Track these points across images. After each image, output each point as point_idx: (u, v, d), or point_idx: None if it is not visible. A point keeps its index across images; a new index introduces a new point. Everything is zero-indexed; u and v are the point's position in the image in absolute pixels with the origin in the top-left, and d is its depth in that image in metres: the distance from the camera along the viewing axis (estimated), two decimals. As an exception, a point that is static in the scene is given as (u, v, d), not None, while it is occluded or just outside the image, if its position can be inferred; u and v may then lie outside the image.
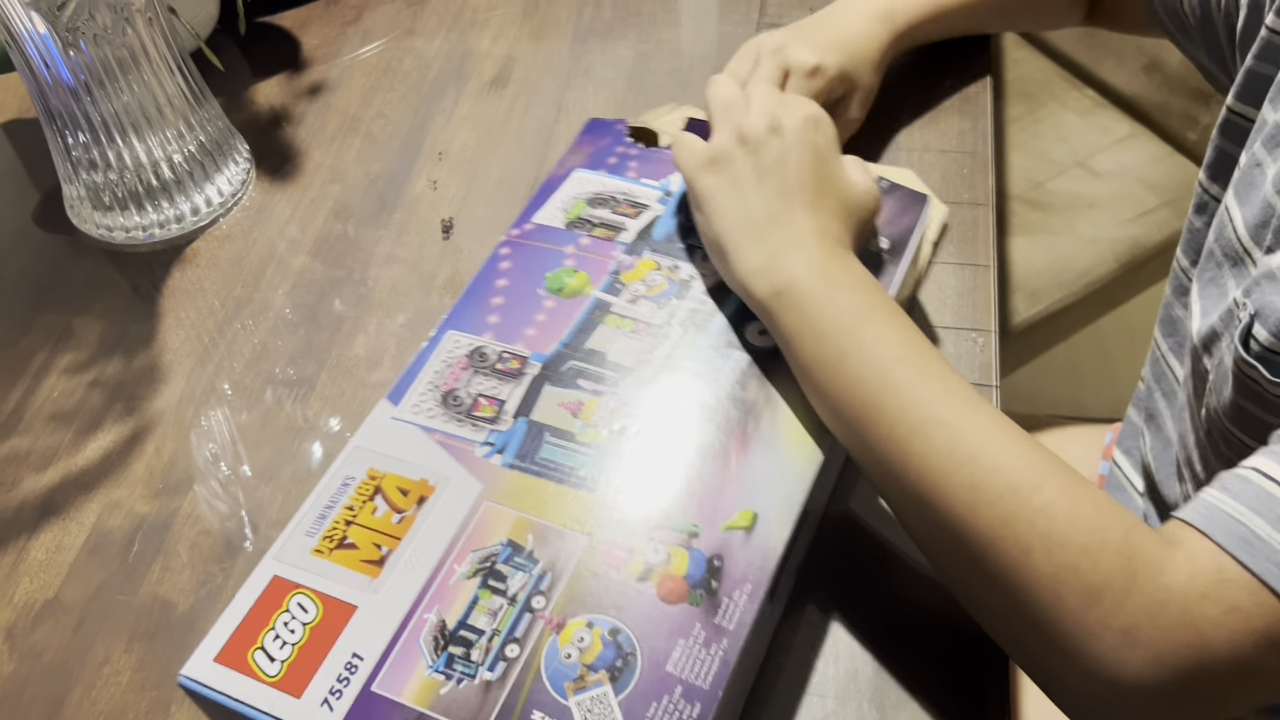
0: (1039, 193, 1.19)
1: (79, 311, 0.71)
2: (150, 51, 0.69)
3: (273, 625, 0.47)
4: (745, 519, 0.50)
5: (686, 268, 0.60)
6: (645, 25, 0.87)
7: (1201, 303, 0.60)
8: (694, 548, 0.49)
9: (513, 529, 0.50)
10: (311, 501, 0.51)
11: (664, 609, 0.47)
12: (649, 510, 0.50)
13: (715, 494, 0.51)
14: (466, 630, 0.47)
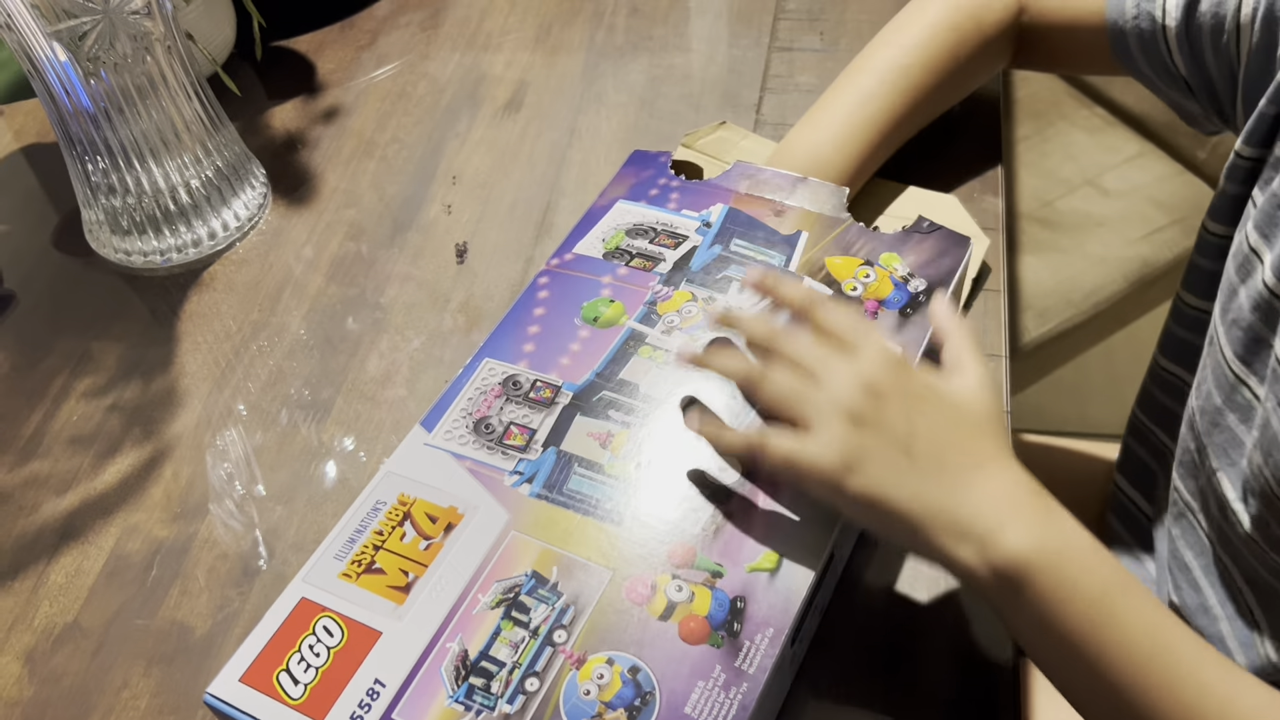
0: (1048, 211, 1.20)
1: (97, 335, 0.71)
2: (168, 78, 0.70)
3: (298, 648, 0.48)
4: (770, 561, 0.50)
5: (722, 300, 0.60)
6: (657, 50, 0.88)
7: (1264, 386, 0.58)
8: (717, 588, 0.49)
9: (538, 560, 0.50)
10: (343, 525, 0.52)
11: (685, 649, 0.47)
12: (674, 547, 0.50)
13: (741, 534, 0.51)
14: (488, 661, 0.47)
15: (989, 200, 0.74)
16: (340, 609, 0.49)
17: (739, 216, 0.64)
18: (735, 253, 0.62)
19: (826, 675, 0.53)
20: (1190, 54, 0.65)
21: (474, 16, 0.93)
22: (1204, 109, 0.68)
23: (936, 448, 0.48)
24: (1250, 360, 0.60)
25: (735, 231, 0.63)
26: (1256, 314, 0.58)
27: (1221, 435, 0.62)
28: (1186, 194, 1.21)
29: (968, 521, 0.47)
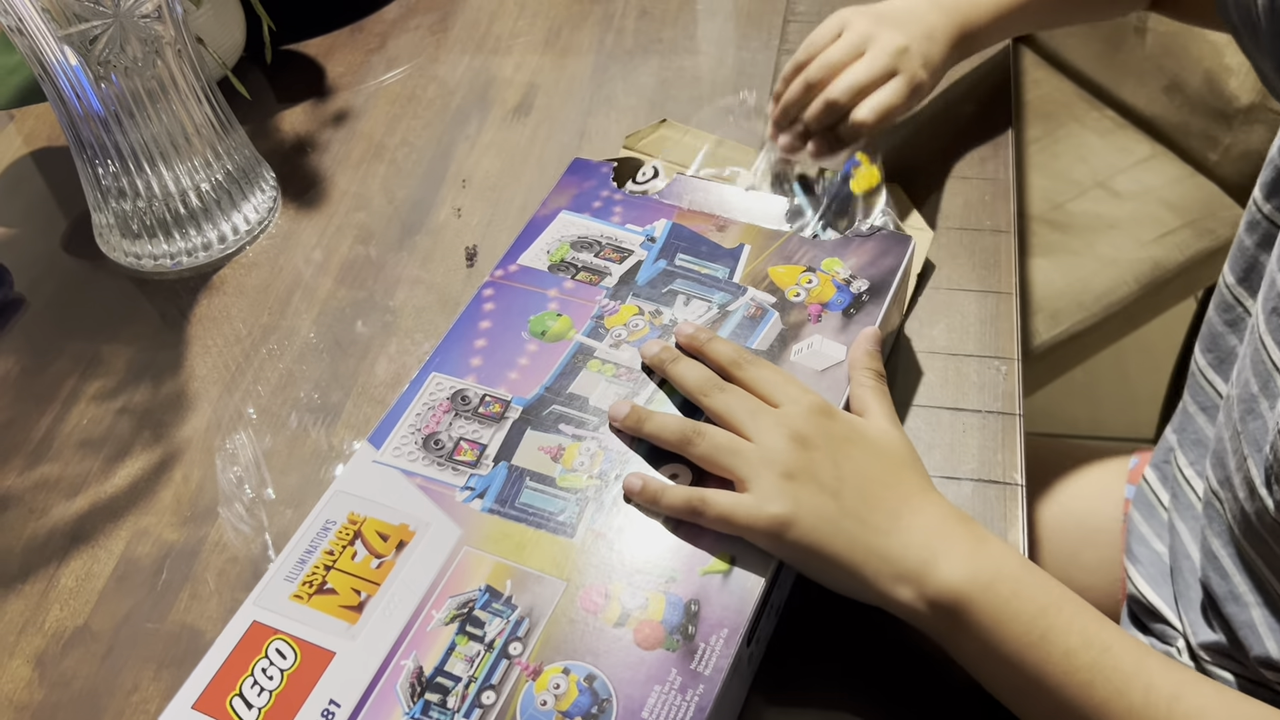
0: (1059, 213, 1.19)
1: (108, 339, 0.71)
2: (179, 82, 0.70)
3: (251, 671, 0.48)
4: (722, 563, 0.50)
5: (668, 313, 0.60)
6: (666, 52, 0.88)
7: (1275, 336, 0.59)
8: (671, 592, 0.49)
9: (491, 574, 0.50)
10: (292, 545, 0.52)
11: (640, 655, 0.47)
12: (627, 556, 0.51)
13: (693, 538, 0.51)
14: (443, 677, 0.47)
15: (1001, 206, 0.74)
16: (292, 630, 0.49)
17: (683, 231, 0.65)
18: (680, 267, 0.63)
19: (786, 676, 0.53)
20: (1273, 20, 0.65)
21: (483, 20, 0.93)
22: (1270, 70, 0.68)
23: (864, 489, 0.51)
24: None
25: (679, 246, 0.64)
26: None
27: (1256, 422, 0.62)
28: (1198, 196, 1.20)
29: (899, 560, 0.49)
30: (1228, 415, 0.66)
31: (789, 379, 0.56)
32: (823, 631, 0.54)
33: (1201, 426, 0.74)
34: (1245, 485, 0.63)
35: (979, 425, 0.62)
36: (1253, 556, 0.64)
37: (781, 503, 0.50)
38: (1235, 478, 0.63)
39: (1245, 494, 0.63)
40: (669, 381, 0.57)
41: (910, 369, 0.65)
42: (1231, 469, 0.64)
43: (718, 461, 0.52)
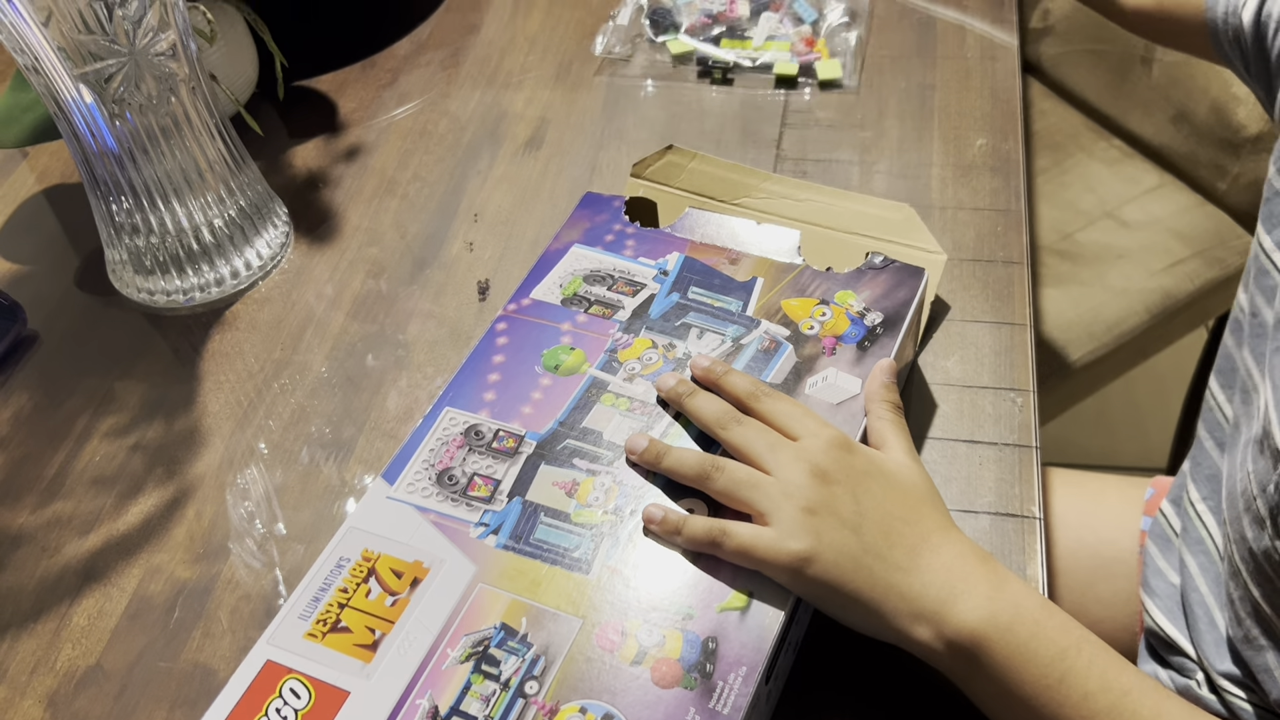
0: (1068, 244, 1.19)
1: (121, 375, 0.71)
2: (193, 119, 0.70)
3: (265, 712, 0.48)
4: (740, 600, 0.50)
5: (682, 346, 0.60)
6: (676, 85, 0.88)
7: (1272, 378, 0.59)
8: (689, 630, 0.49)
9: (506, 612, 0.50)
10: (306, 583, 0.52)
11: (658, 693, 0.47)
12: (643, 592, 0.50)
13: (710, 574, 0.51)
14: (459, 716, 0.47)
15: (1013, 238, 0.74)
16: (307, 670, 0.49)
17: (695, 265, 0.65)
18: (693, 300, 0.63)
19: (804, 711, 0.52)
20: (1259, 49, 0.67)
21: (494, 55, 0.93)
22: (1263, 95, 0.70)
23: (884, 524, 0.51)
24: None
25: (692, 279, 0.64)
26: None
27: (1262, 462, 0.61)
28: (1207, 225, 1.20)
29: (918, 599, 0.49)
30: (1233, 451, 0.66)
31: (807, 412, 0.55)
32: (841, 666, 0.54)
33: (1215, 460, 0.74)
34: (1255, 524, 0.62)
35: (995, 458, 0.62)
36: (1258, 599, 0.64)
37: (803, 538, 0.50)
38: (1244, 518, 0.63)
39: (1254, 533, 0.62)
40: (685, 415, 0.57)
41: (925, 401, 0.65)
42: (1240, 509, 0.63)
43: (737, 496, 0.52)
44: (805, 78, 0.86)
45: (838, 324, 0.61)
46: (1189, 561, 0.75)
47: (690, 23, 0.90)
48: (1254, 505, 0.60)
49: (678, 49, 0.89)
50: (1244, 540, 0.62)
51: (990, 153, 0.80)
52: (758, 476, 0.52)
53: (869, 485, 0.52)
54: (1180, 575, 0.77)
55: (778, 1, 0.91)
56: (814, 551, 0.50)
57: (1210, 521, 0.74)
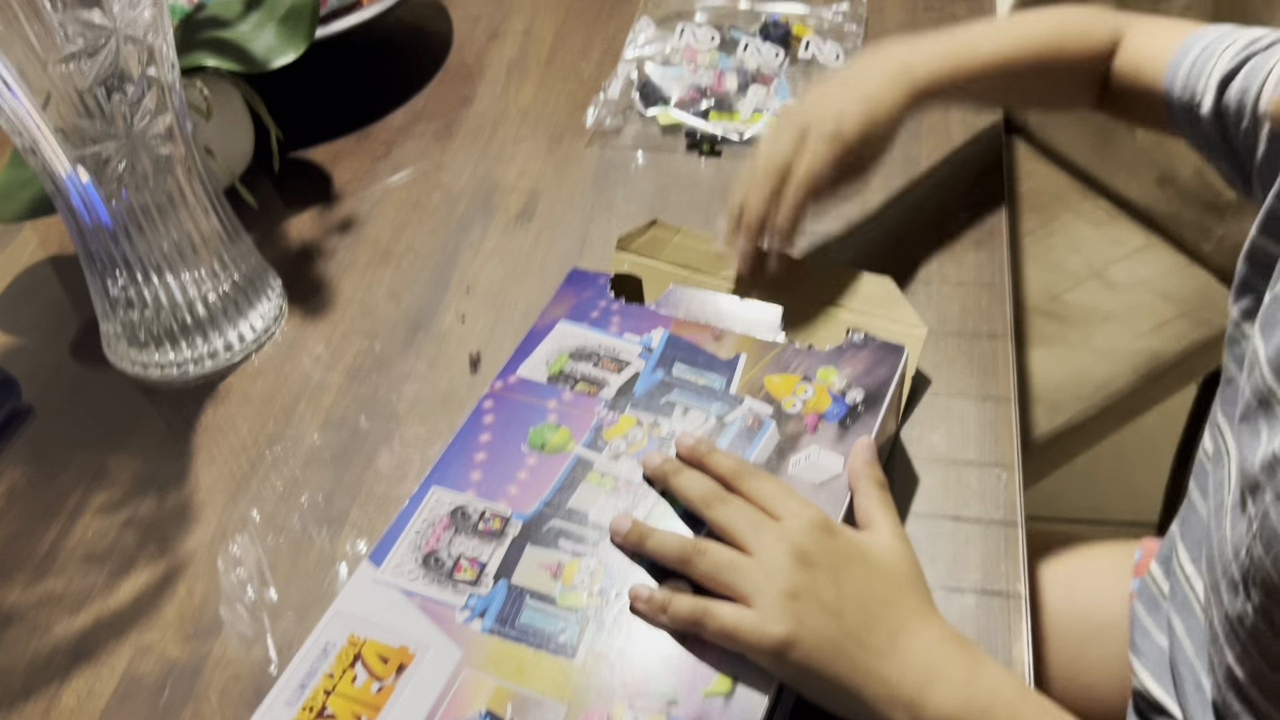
0: (1055, 304, 1.20)
1: (114, 449, 0.72)
2: (188, 195, 0.71)
3: None
4: (724, 684, 0.50)
5: (666, 424, 0.61)
6: (665, 157, 0.90)
7: (1238, 443, 0.60)
8: (673, 715, 0.49)
9: (492, 698, 0.50)
10: (292, 669, 0.52)
11: None
12: (628, 677, 0.51)
13: (694, 657, 0.51)
14: None
15: (997, 311, 0.75)
16: None
17: (679, 342, 0.65)
18: (677, 378, 0.63)
19: None
20: (1221, 134, 0.69)
21: (487, 127, 0.95)
22: (1232, 175, 0.72)
23: (864, 608, 0.52)
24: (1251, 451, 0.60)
25: (676, 356, 0.65)
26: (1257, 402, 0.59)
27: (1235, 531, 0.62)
28: (1194, 286, 1.21)
29: (896, 684, 0.50)
30: (1219, 514, 0.66)
31: (790, 491, 0.56)
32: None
33: (1204, 519, 0.75)
34: (1230, 588, 0.63)
35: (981, 535, 0.62)
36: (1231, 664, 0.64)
37: (785, 622, 0.50)
38: (1222, 581, 0.63)
39: (1229, 597, 0.63)
40: (671, 492, 0.57)
41: (910, 476, 0.66)
42: (1219, 573, 0.64)
43: (720, 579, 0.53)
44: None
45: (819, 402, 0.61)
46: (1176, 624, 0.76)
47: (679, 96, 0.91)
48: (1230, 569, 0.61)
49: (667, 121, 0.91)
50: (1221, 604, 0.63)
51: (975, 226, 0.81)
52: (740, 559, 0.53)
53: (850, 569, 0.53)
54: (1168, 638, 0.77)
55: (765, 76, 0.93)
56: (795, 636, 0.50)
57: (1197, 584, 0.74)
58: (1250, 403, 0.59)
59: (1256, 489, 0.57)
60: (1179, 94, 0.73)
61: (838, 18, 1.00)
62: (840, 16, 1.00)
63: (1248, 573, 0.59)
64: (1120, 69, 0.79)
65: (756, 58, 0.95)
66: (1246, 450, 0.59)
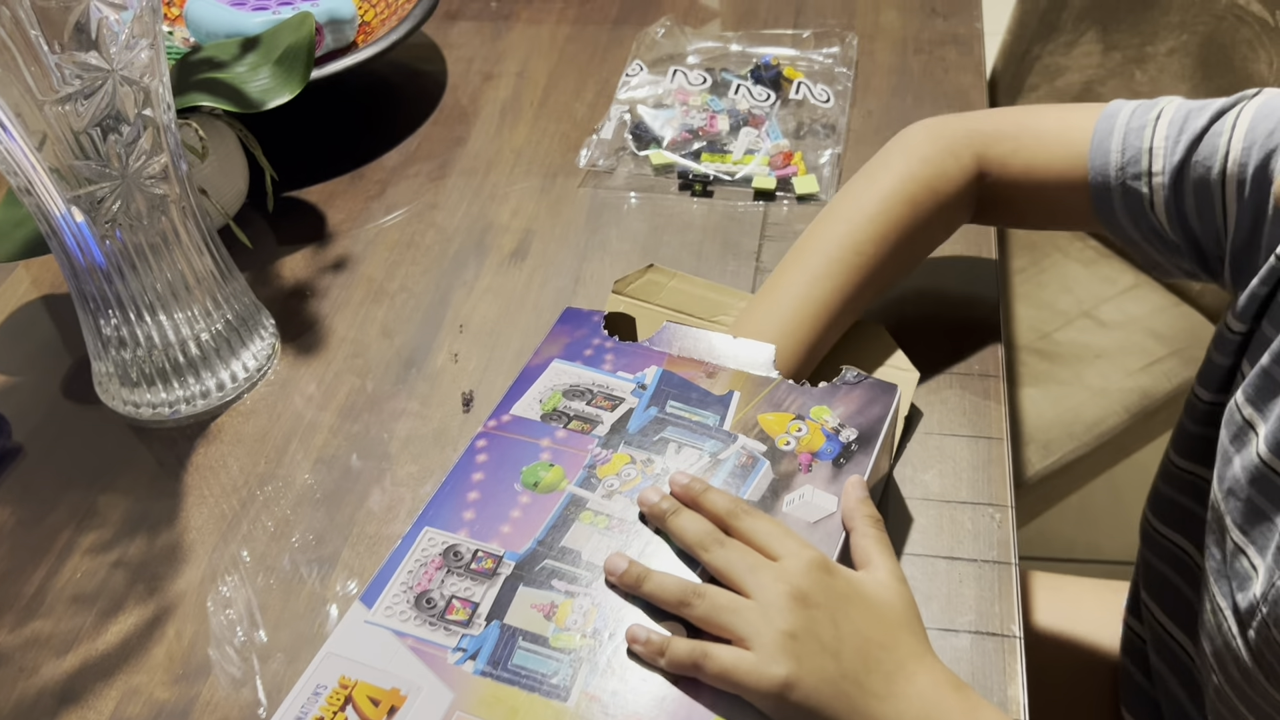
0: (1046, 343, 1.21)
1: (104, 489, 0.72)
2: (182, 235, 0.71)
3: None
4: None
5: (660, 461, 0.61)
6: (658, 198, 0.90)
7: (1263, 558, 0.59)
8: None
9: None
10: (283, 711, 0.51)
11: None
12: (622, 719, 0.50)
13: (688, 700, 0.51)
14: None
15: (989, 351, 0.75)
16: None
17: (673, 379, 0.65)
18: (671, 414, 0.63)
19: None
20: (1177, 215, 0.66)
21: (480, 167, 0.95)
22: (1189, 266, 0.69)
23: (862, 650, 0.51)
24: (1249, 530, 0.60)
25: (670, 393, 0.65)
26: (1254, 486, 0.59)
27: (1234, 601, 0.62)
28: (1184, 325, 1.22)
29: None
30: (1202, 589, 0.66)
31: (786, 531, 0.56)
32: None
33: (1174, 582, 0.74)
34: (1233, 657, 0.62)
35: (975, 575, 0.62)
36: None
37: (784, 664, 0.50)
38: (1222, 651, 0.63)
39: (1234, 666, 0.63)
40: (667, 532, 0.57)
41: (903, 516, 0.66)
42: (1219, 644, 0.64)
43: (718, 621, 0.52)
44: (783, 191, 0.88)
45: (813, 440, 0.61)
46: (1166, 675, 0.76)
47: (672, 137, 0.92)
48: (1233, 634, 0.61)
49: (659, 161, 0.91)
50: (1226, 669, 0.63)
51: (965, 265, 0.82)
52: (738, 601, 0.53)
53: (848, 609, 0.53)
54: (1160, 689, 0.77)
55: (756, 118, 0.94)
56: (795, 677, 0.50)
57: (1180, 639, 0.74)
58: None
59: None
60: (1114, 183, 0.66)
61: (829, 61, 1.01)
62: (831, 60, 1.01)
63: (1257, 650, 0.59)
64: (1008, 181, 0.71)
65: (748, 100, 0.95)
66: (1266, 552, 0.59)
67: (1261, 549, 0.59)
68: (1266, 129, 0.60)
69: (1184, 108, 0.65)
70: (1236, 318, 0.62)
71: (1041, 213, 0.74)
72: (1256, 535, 0.59)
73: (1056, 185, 0.69)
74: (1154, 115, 0.66)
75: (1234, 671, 0.62)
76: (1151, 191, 0.65)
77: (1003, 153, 0.71)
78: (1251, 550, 0.59)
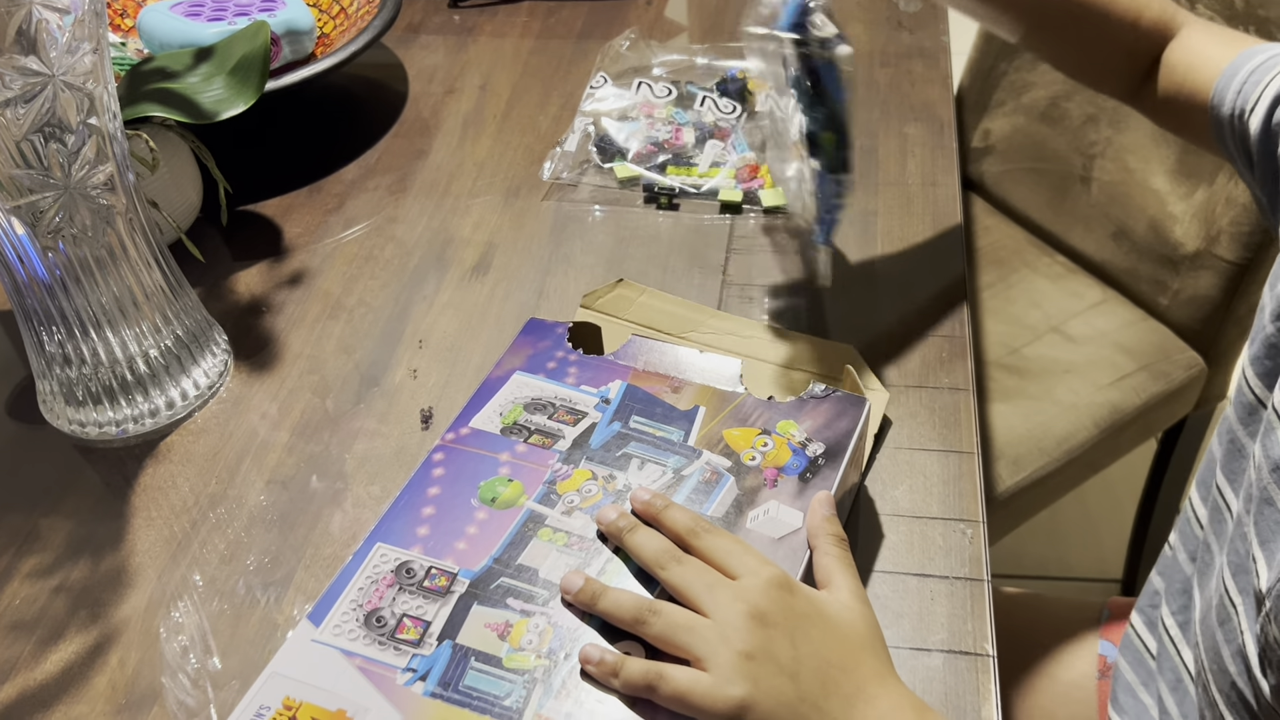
0: (1015, 358, 1.20)
1: (46, 511, 0.69)
2: (129, 249, 0.69)
3: None
4: None
5: (622, 477, 0.59)
6: (623, 211, 0.89)
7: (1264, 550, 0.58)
8: None
9: None
10: None
11: None
12: None
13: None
14: None
15: (959, 364, 0.74)
16: None
17: (637, 393, 0.64)
18: (634, 430, 0.62)
19: None
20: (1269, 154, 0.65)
21: (442, 180, 0.93)
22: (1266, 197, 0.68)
23: (821, 672, 0.50)
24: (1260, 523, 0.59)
25: (634, 408, 0.63)
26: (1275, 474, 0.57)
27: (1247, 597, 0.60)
28: (1152, 340, 1.22)
29: None
30: (1206, 573, 0.65)
31: (747, 549, 0.54)
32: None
33: (1188, 575, 0.73)
34: (1236, 660, 0.61)
35: (947, 592, 0.61)
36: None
37: (741, 685, 0.48)
38: (1225, 649, 0.62)
39: (1236, 669, 0.61)
40: (625, 550, 0.55)
41: (874, 532, 0.64)
42: (1220, 640, 0.62)
43: (674, 640, 0.51)
44: (750, 204, 0.87)
45: (779, 455, 0.60)
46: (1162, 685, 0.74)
47: (637, 150, 0.91)
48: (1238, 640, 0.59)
49: (624, 174, 0.90)
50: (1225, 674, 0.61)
51: (934, 279, 0.81)
52: (695, 620, 0.51)
53: (807, 629, 0.51)
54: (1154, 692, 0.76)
55: (722, 130, 0.92)
56: (751, 699, 0.48)
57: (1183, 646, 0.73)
58: None
59: None
60: (1229, 105, 0.67)
61: (795, 73, 1.00)
62: (797, 72, 1.00)
63: (1263, 653, 0.58)
64: (1174, 61, 0.73)
65: (714, 112, 0.94)
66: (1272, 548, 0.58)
67: (1267, 543, 0.57)
68: None
69: None
70: None
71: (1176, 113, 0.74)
72: (1264, 530, 0.58)
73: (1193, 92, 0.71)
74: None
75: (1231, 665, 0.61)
76: (1250, 122, 0.65)
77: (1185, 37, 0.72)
78: (1258, 547, 0.58)
